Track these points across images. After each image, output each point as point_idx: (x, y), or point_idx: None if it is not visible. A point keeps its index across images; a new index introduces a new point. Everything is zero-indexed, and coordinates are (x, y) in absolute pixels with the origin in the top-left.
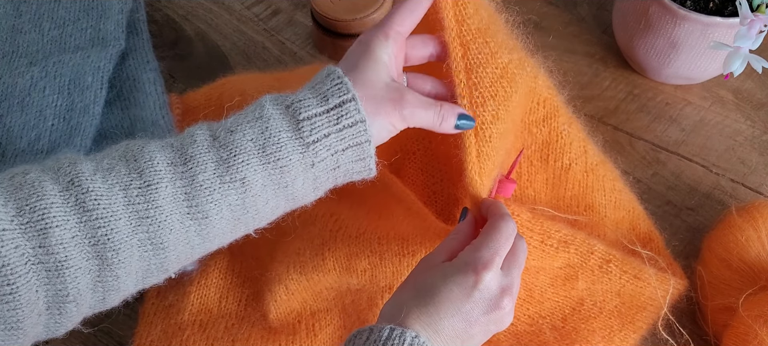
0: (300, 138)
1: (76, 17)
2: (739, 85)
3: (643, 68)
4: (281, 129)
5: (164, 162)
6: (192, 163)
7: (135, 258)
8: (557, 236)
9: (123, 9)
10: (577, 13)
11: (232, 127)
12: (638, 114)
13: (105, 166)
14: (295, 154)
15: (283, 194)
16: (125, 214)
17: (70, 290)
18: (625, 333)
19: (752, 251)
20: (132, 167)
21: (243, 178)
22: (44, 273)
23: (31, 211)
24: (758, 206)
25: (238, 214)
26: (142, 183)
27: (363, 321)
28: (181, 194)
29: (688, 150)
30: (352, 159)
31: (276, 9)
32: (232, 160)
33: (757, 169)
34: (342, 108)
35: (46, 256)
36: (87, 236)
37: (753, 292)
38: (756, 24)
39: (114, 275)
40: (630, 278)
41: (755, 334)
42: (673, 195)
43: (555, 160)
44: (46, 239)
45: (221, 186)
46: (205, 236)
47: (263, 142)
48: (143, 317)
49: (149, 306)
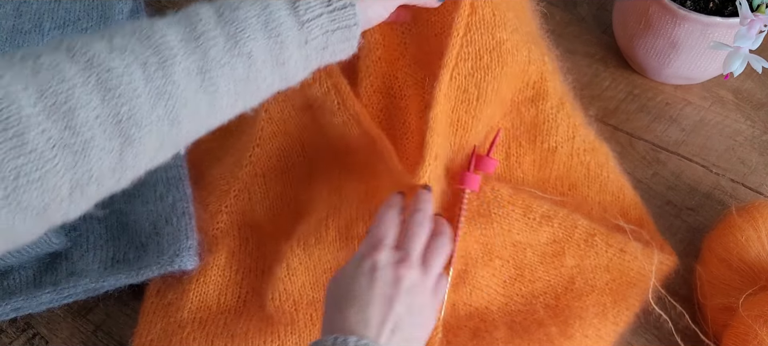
0: (296, 16)
1: (77, 17)
2: (739, 85)
3: (643, 68)
4: (280, 7)
5: (177, 38)
6: (203, 38)
7: (154, 134)
8: (540, 210)
9: (123, 9)
10: (577, 13)
11: (235, 5)
12: (638, 114)
13: (118, 45)
14: (292, 30)
15: (279, 72)
16: (145, 90)
17: (93, 172)
18: (619, 310)
19: (752, 251)
20: (146, 44)
21: (249, 52)
22: (71, 156)
23: (53, 93)
24: (758, 206)
25: (240, 88)
26: (158, 59)
27: None
28: (195, 69)
29: (688, 150)
30: (339, 40)
31: None
32: (239, 35)
33: (757, 169)
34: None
35: (72, 138)
36: (111, 115)
37: (753, 292)
38: (756, 24)
39: (134, 152)
40: (616, 251)
41: (755, 334)
42: (673, 195)
43: (542, 141)
44: (71, 121)
45: (230, 60)
46: (213, 110)
47: (265, 18)
48: (143, 316)
49: (149, 305)
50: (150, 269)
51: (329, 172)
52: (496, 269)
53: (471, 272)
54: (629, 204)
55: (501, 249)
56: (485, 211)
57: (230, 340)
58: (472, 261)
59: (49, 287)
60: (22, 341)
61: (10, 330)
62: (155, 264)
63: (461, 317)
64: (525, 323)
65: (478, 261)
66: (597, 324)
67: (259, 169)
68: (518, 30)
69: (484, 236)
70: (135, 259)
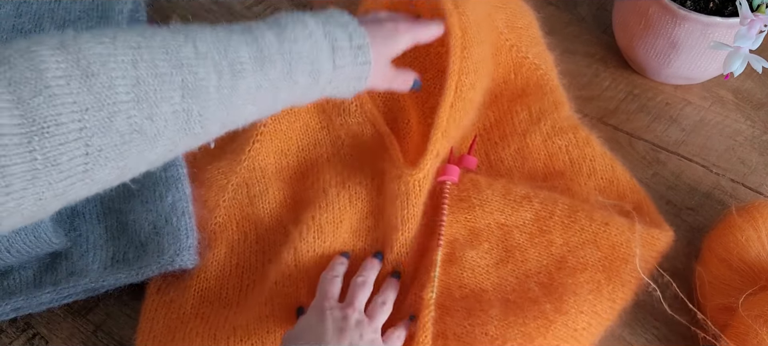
0: (333, 61)
1: (77, 17)
2: (739, 85)
3: (643, 68)
4: (324, 49)
5: (247, 56)
6: (267, 61)
7: (210, 133)
8: (519, 191)
9: (123, 9)
10: (577, 13)
11: (293, 38)
12: (638, 114)
13: (202, 51)
14: (328, 73)
15: (302, 97)
16: (216, 96)
17: (151, 159)
18: (613, 286)
19: (752, 251)
20: (223, 55)
21: (296, 81)
22: (144, 142)
23: (145, 84)
24: (758, 206)
25: (271, 104)
26: (231, 72)
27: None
28: (254, 86)
29: (688, 150)
30: (351, 87)
31: (276, 9)
32: (294, 65)
33: (757, 169)
34: (360, 49)
35: (150, 127)
36: (185, 111)
37: (753, 292)
38: (756, 24)
39: (185, 146)
40: (600, 225)
41: (755, 334)
42: (673, 195)
43: (511, 132)
44: (153, 110)
45: (281, 84)
46: (243, 119)
47: (314, 57)
48: (145, 314)
49: (150, 303)
50: (150, 268)
51: (333, 167)
52: (485, 250)
53: (459, 254)
54: (625, 187)
55: (487, 232)
56: (466, 196)
57: (232, 333)
58: (459, 245)
59: (49, 287)
60: (22, 341)
61: (10, 330)
62: (155, 264)
63: (456, 299)
64: (519, 301)
65: (465, 244)
66: (592, 300)
67: (257, 163)
68: (487, 43)
69: (468, 220)
70: (135, 259)
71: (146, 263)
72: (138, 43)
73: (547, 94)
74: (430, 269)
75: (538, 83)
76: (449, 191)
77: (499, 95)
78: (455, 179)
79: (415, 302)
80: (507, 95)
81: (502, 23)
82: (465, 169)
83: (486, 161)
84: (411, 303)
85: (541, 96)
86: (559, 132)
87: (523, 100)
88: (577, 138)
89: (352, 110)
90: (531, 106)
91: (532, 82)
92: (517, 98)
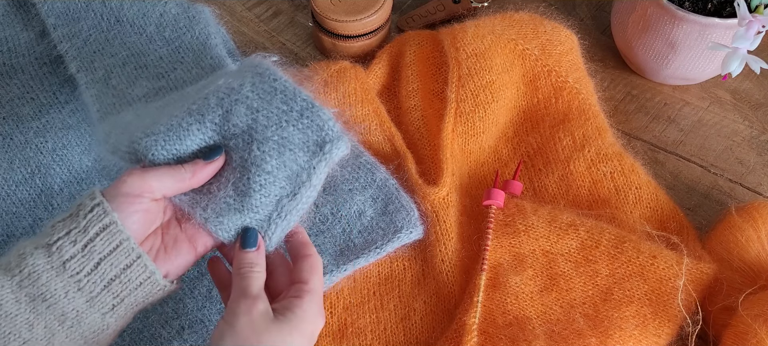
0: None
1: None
2: (737, 85)
3: (642, 69)
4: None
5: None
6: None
7: None
8: (565, 219)
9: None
10: (576, 15)
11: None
12: (637, 114)
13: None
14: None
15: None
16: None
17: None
18: (660, 322)
19: (752, 251)
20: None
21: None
22: None
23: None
24: (757, 206)
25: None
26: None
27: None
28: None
29: (686, 150)
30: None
31: (277, 10)
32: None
33: (755, 169)
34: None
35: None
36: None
37: (753, 292)
38: (754, 25)
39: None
40: (647, 258)
41: (755, 333)
42: (672, 195)
43: (554, 159)
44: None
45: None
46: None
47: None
48: None
49: None
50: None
51: None
52: (529, 277)
53: (502, 279)
54: (668, 215)
55: (532, 258)
56: (511, 221)
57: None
58: (503, 270)
59: None
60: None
61: None
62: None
63: (499, 326)
64: (564, 333)
65: (510, 269)
66: (637, 336)
67: None
68: (508, 71)
69: (513, 246)
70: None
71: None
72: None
73: (590, 119)
74: (474, 294)
75: (579, 108)
76: (495, 215)
77: (541, 120)
78: (501, 203)
79: (458, 327)
80: (548, 120)
81: (538, 50)
82: (510, 194)
83: (530, 188)
84: (455, 329)
85: (584, 121)
86: (603, 159)
87: (566, 125)
88: (622, 165)
89: (372, 128)
90: (574, 133)
91: (574, 107)
92: (560, 124)
